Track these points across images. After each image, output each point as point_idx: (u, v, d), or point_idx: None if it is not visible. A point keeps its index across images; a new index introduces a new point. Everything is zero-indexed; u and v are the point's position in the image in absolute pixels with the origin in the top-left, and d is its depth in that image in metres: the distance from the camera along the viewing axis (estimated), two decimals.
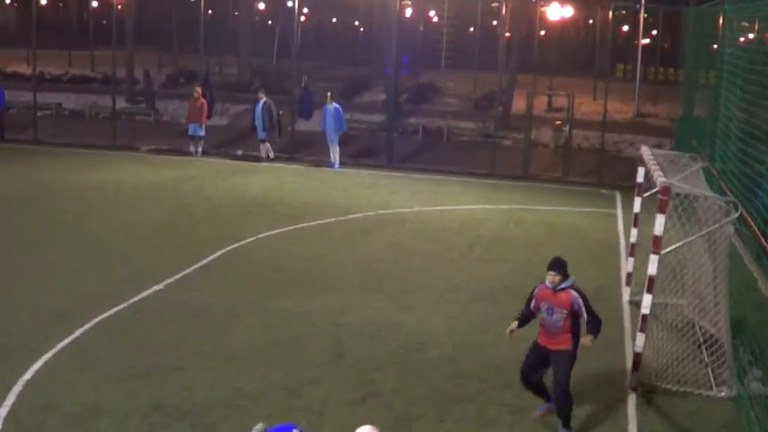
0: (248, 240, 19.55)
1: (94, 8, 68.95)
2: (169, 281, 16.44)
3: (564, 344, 10.95)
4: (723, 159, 19.17)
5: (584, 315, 10.89)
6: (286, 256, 18.56)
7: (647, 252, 13.06)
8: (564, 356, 10.92)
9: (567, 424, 11.03)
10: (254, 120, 30.38)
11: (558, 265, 11.10)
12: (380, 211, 23.33)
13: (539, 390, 11.37)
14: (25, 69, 51.50)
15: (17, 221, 20.89)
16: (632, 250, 16.93)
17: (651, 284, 12.27)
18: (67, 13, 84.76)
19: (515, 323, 11.39)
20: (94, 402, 11.31)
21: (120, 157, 30.21)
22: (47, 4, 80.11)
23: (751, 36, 20.02)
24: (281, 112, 31.15)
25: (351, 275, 17.34)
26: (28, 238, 19.43)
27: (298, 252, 18.86)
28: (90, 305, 14.84)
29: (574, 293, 10.91)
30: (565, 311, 10.89)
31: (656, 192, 12.81)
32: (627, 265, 17.32)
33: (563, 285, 10.95)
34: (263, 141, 30.23)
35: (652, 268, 12.24)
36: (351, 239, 20.36)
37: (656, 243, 12.25)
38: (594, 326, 10.91)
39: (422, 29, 62.52)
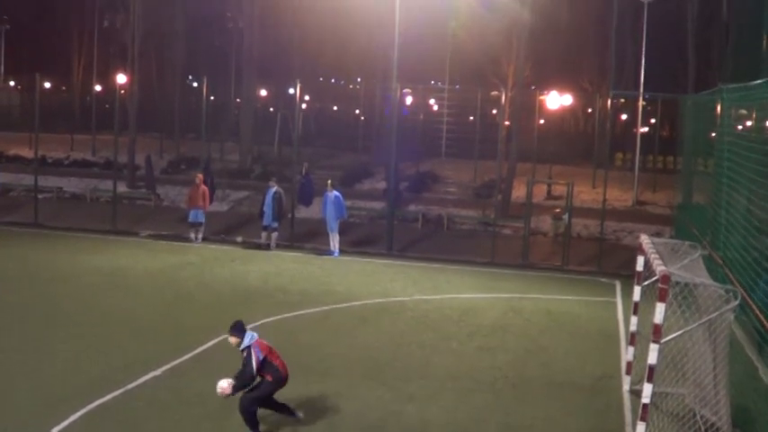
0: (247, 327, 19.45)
1: (97, 93, 69.64)
2: (166, 367, 16.32)
3: None
4: (725, 247, 19.17)
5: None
6: (285, 343, 18.39)
7: (647, 341, 12.99)
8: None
9: None
10: (262, 206, 30.30)
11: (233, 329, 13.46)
12: (380, 300, 23.25)
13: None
14: (27, 153, 51.88)
15: (15, 304, 20.81)
16: (632, 339, 16.83)
17: (651, 373, 12.18)
18: (70, 98, 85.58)
19: None
20: None
21: (120, 242, 30.23)
22: (50, 88, 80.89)
23: (749, 123, 20.17)
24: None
25: (350, 364, 17.21)
26: (25, 321, 19.33)
27: (297, 340, 18.73)
28: (86, 390, 14.73)
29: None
30: None
31: (656, 280, 12.78)
32: (627, 353, 17.21)
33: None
34: (267, 228, 30.13)
35: (652, 357, 12.17)
36: (350, 328, 20.26)
37: (656, 332, 12.19)
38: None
39: (422, 117, 63.04)
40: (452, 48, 61.74)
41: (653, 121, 68.67)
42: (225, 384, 13.15)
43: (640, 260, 16.43)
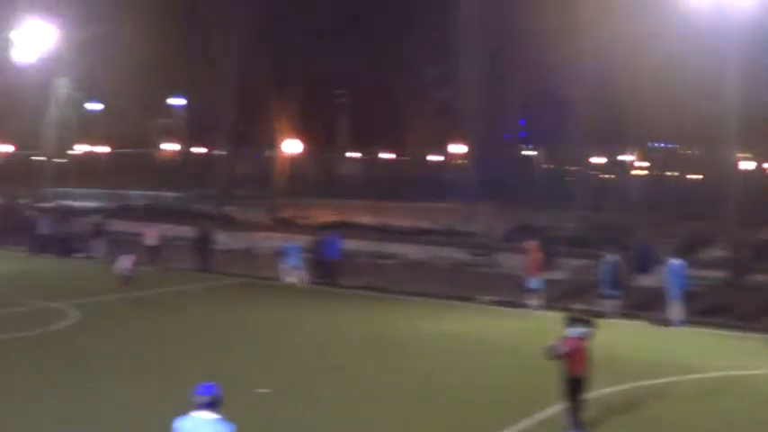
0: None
1: (437, 162, 71.79)
2: None
3: None
4: None
5: None
6: (623, 414, 18.15)
7: None
8: None
9: None
10: (601, 275, 30.07)
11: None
12: (724, 373, 22.32)
13: None
14: (370, 220, 54.05)
15: (351, 367, 21.83)
16: None
17: None
18: (410, 167, 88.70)
19: None
20: None
21: (459, 308, 30.86)
22: (390, 159, 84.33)
23: None
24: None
25: None
26: (359, 382, 20.31)
27: (636, 411, 18.37)
28: None
29: None
30: None
31: None
32: None
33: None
34: (606, 296, 29.82)
35: None
36: (690, 401, 19.62)
37: None
38: None
39: None
40: None
41: None
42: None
43: None
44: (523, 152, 77.37)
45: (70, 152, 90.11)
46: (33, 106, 66.43)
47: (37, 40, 60.54)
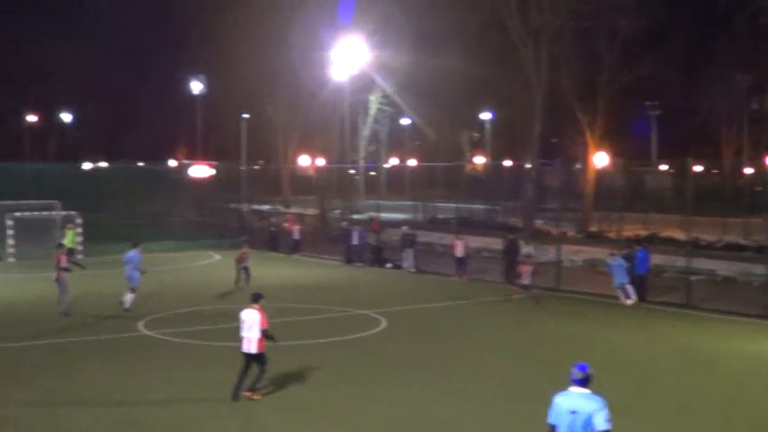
0: None
1: (748, 175, 69.37)
2: None
3: None
4: None
5: None
6: None
7: None
8: None
9: None
10: None
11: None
12: None
13: None
14: (680, 235, 53.03)
15: (657, 385, 21.72)
16: None
17: None
18: (722, 180, 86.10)
19: None
20: None
21: None
22: (701, 171, 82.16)
23: None
24: None
25: None
26: (671, 403, 20.19)
27: None
28: None
29: None
30: None
31: None
32: None
33: None
34: None
35: None
36: None
37: None
38: None
39: None
40: None
41: None
42: None
43: None
44: None
45: (382, 165, 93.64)
46: (346, 121, 69.67)
47: (351, 59, 63.79)
